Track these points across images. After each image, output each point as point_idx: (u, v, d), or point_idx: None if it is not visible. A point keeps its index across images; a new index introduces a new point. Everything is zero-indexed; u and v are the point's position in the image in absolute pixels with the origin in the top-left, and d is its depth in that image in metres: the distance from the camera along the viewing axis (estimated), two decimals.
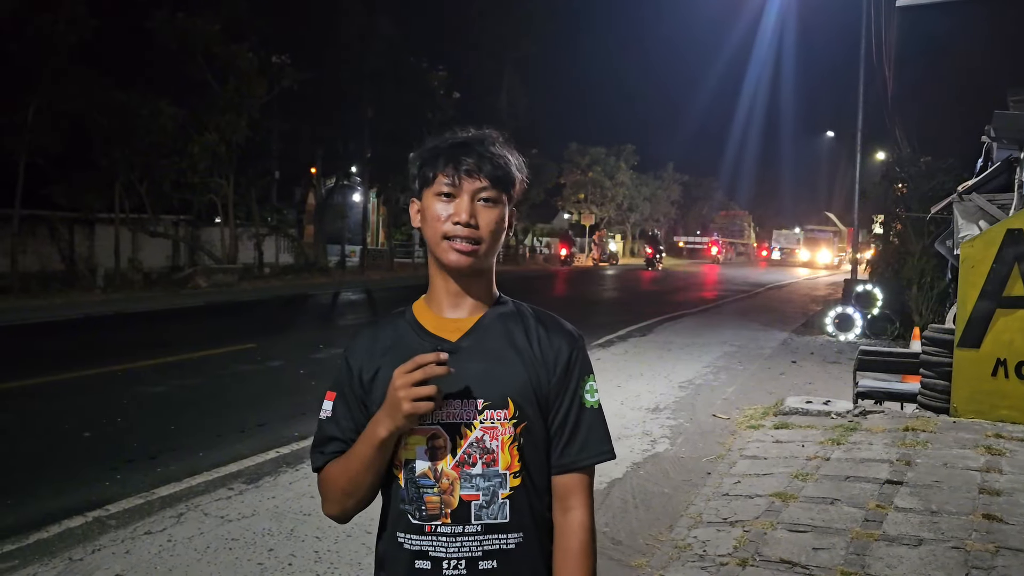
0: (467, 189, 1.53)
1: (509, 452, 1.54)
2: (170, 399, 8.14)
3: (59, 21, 16.67)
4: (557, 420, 1.59)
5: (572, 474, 1.60)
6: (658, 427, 7.56)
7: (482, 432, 1.53)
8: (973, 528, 4.46)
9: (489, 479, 1.53)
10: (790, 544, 4.32)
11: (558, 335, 1.62)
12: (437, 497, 1.52)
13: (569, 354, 1.61)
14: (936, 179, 14.55)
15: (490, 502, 1.53)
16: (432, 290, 1.63)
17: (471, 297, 1.60)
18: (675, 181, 64.72)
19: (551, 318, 1.66)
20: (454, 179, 1.53)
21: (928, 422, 6.76)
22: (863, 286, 15.47)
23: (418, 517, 1.53)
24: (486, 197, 1.55)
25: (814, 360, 12.04)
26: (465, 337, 1.57)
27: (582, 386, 1.62)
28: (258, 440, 6.71)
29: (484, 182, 1.54)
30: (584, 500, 1.60)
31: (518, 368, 1.56)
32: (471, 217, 1.53)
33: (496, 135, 1.61)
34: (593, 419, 1.62)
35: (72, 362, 9.51)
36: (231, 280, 20.86)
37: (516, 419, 1.54)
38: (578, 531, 1.57)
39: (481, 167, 1.53)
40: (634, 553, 4.58)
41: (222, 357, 10.39)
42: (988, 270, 6.99)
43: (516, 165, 1.60)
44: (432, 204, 1.55)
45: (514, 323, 1.61)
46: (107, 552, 4.44)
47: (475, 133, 1.60)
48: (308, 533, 4.72)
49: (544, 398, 1.58)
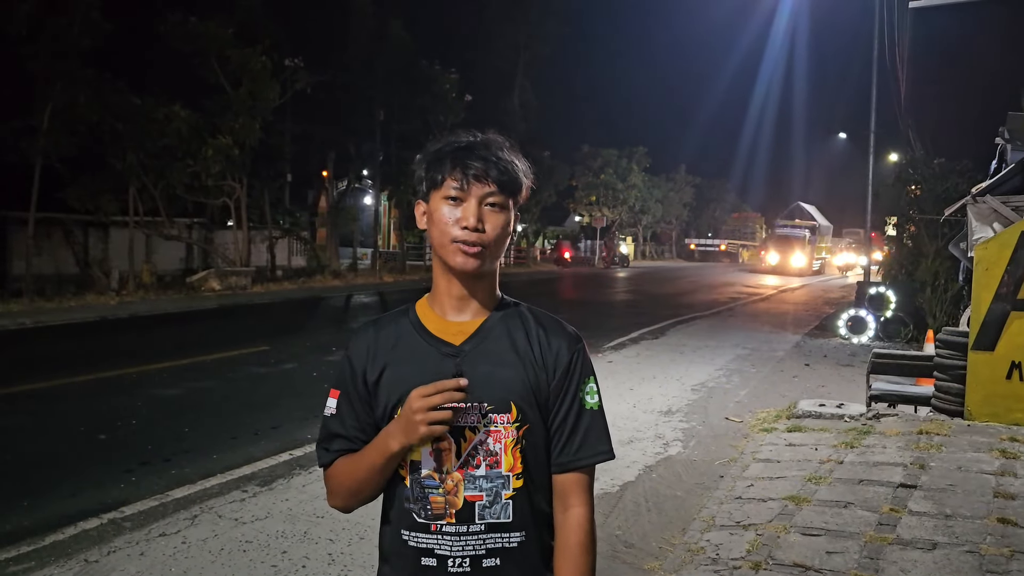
0: (475, 194, 1.55)
1: (512, 454, 1.57)
2: (184, 401, 8.18)
3: (74, 25, 16.78)
4: (557, 421, 1.62)
5: (572, 473, 1.63)
6: (670, 430, 7.54)
7: (486, 435, 1.56)
8: (988, 532, 4.43)
9: (492, 480, 1.56)
10: (803, 548, 4.31)
11: (558, 337, 1.64)
12: (442, 498, 1.56)
13: (569, 356, 1.63)
14: (950, 181, 14.49)
15: (493, 502, 1.56)
16: (435, 291, 1.65)
17: (475, 300, 1.62)
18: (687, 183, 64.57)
19: (551, 320, 1.68)
20: (462, 183, 1.55)
21: (942, 425, 6.73)
22: (876, 288, 15.40)
23: (423, 516, 1.56)
24: (493, 202, 1.57)
25: (827, 363, 12.00)
26: (468, 341, 1.60)
27: (582, 387, 1.64)
28: (272, 442, 6.74)
29: (492, 187, 1.56)
30: (584, 498, 1.63)
31: (520, 371, 1.59)
32: (479, 221, 1.55)
33: (503, 140, 1.63)
34: (593, 420, 1.65)
35: (86, 365, 9.58)
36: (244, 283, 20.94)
37: (519, 422, 1.57)
38: (578, 529, 1.61)
39: (489, 172, 1.55)
40: (647, 556, 4.57)
41: (235, 360, 10.44)
42: (1003, 272, 6.95)
43: (523, 171, 1.62)
44: (439, 207, 1.57)
45: (516, 326, 1.63)
46: (122, 554, 4.47)
47: (482, 137, 1.61)
48: (321, 535, 4.74)
49: (545, 399, 1.61)
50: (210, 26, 20.62)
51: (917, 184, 15.54)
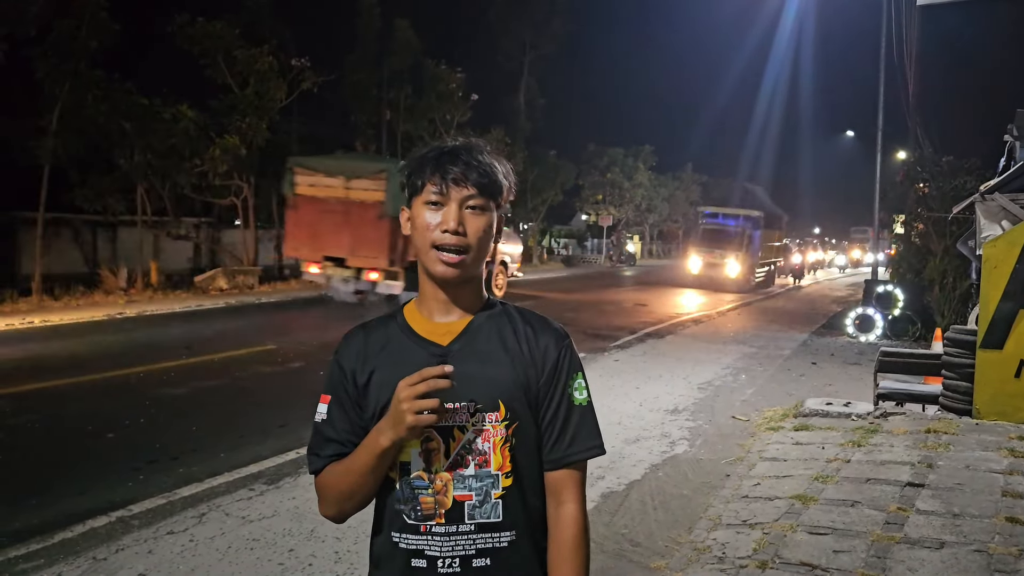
0: (455, 197, 1.57)
1: (501, 453, 1.57)
2: (191, 400, 8.21)
3: (82, 26, 16.84)
4: (547, 417, 1.63)
5: (564, 470, 1.64)
6: (677, 429, 7.53)
7: (474, 434, 1.56)
8: (996, 531, 4.42)
9: (481, 480, 1.57)
10: (810, 546, 4.31)
11: (545, 334, 1.66)
12: (431, 498, 1.57)
13: (557, 353, 1.64)
14: (958, 178, 14.46)
15: (483, 502, 1.57)
16: (422, 296, 1.66)
17: (461, 302, 1.64)
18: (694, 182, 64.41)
19: (538, 318, 1.70)
20: (441, 187, 1.56)
21: (950, 424, 6.70)
22: (884, 287, 15.36)
23: (413, 517, 1.57)
24: (473, 205, 1.58)
25: (834, 362, 11.97)
26: (456, 341, 1.61)
27: (571, 383, 1.65)
28: (279, 441, 6.76)
29: (471, 190, 1.57)
30: (576, 495, 1.64)
31: (508, 369, 1.60)
32: (459, 225, 1.56)
33: (483, 144, 1.64)
34: (583, 415, 1.65)
35: (94, 364, 9.61)
36: (251, 282, 20.94)
37: (507, 420, 1.58)
38: (571, 525, 1.61)
39: (468, 175, 1.57)
40: (653, 555, 4.57)
41: (243, 359, 10.46)
42: (1011, 270, 6.92)
43: (503, 172, 1.63)
44: (421, 212, 1.59)
45: (503, 325, 1.65)
46: (130, 551, 4.50)
47: (462, 142, 1.63)
48: (328, 534, 4.75)
49: (534, 397, 1.62)
50: (217, 26, 20.67)
51: (925, 182, 15.50)
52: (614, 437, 6.89)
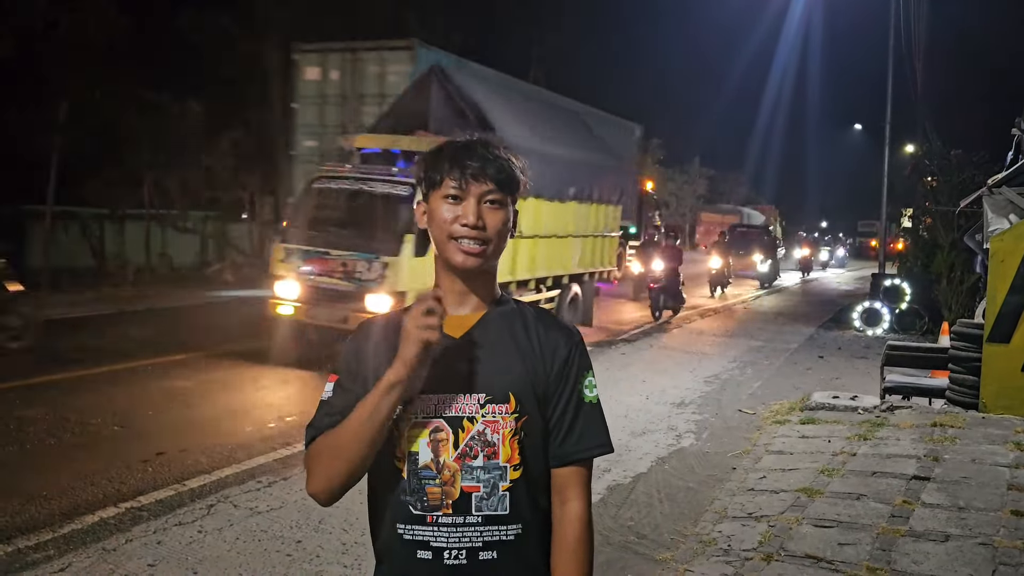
0: (474, 192, 1.59)
1: (510, 445, 1.58)
2: (199, 392, 8.24)
3: (89, 21, 16.87)
4: (556, 414, 1.64)
5: (570, 467, 1.64)
6: (683, 422, 7.54)
7: (484, 425, 1.57)
8: (1001, 524, 4.42)
9: (490, 471, 1.58)
10: (815, 539, 4.32)
11: (556, 332, 1.67)
12: (439, 488, 1.57)
13: (567, 350, 1.66)
14: (966, 172, 14.41)
15: (490, 494, 1.58)
16: (437, 287, 1.67)
17: (475, 295, 1.65)
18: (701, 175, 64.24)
19: (550, 316, 1.72)
20: (461, 182, 1.58)
21: (956, 418, 6.70)
22: (891, 280, 15.32)
23: (419, 508, 1.58)
24: (492, 199, 1.60)
25: (841, 355, 11.96)
26: (468, 333, 1.63)
27: (581, 381, 1.66)
28: (287, 433, 6.79)
29: (490, 185, 1.59)
30: (581, 492, 1.64)
31: (519, 363, 1.61)
32: (479, 219, 1.58)
33: (498, 140, 1.66)
34: (591, 414, 1.66)
35: (103, 357, 9.65)
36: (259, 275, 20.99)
37: (517, 413, 1.59)
38: (575, 522, 1.62)
39: (487, 170, 1.59)
40: (659, 547, 4.59)
41: (250, 351, 10.49)
42: (1018, 264, 6.90)
43: (519, 168, 1.65)
44: (439, 206, 1.61)
45: (515, 320, 1.66)
46: (139, 543, 4.53)
47: (478, 137, 1.65)
48: (335, 525, 4.78)
49: (543, 393, 1.63)
50: (224, 20, 20.70)
51: (933, 175, 15.45)
52: (620, 430, 6.90)
